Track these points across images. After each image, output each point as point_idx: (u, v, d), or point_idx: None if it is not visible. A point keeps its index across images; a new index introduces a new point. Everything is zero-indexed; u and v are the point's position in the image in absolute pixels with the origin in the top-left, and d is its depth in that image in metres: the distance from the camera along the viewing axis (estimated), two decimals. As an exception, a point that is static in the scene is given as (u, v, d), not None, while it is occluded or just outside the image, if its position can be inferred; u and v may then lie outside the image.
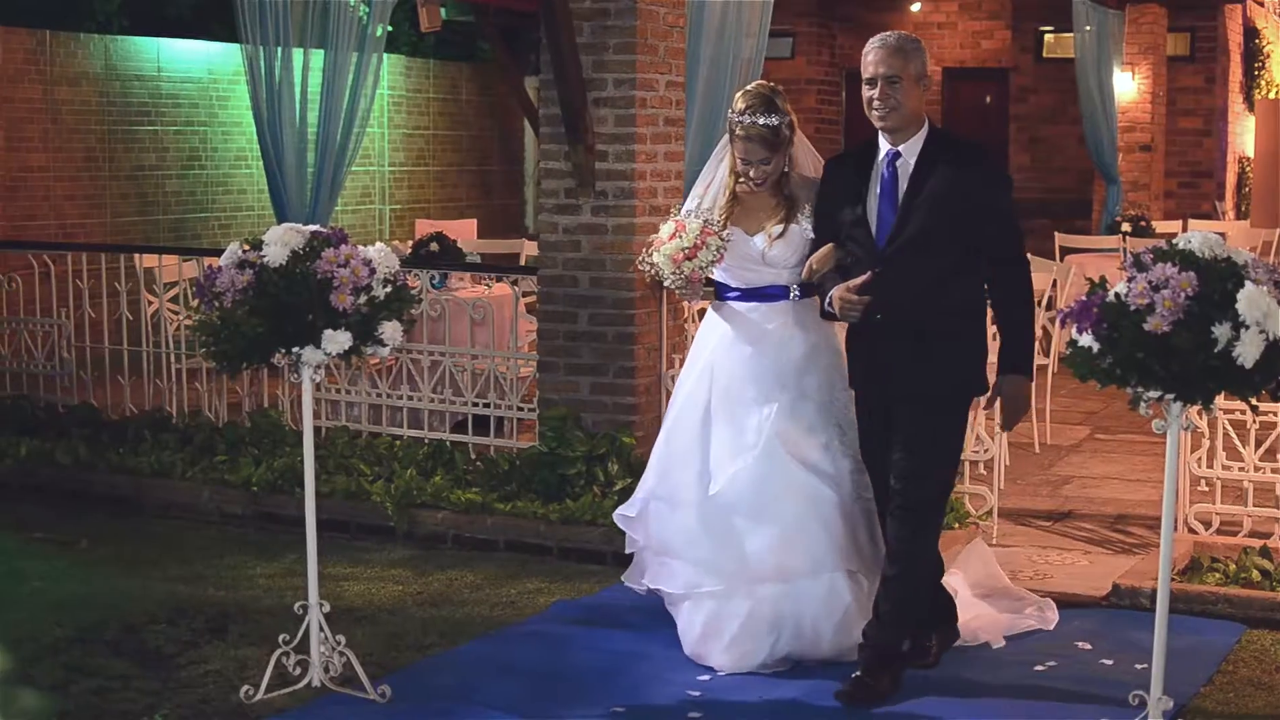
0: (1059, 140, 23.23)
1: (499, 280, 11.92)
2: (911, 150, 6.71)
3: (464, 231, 16.15)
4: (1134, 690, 6.06)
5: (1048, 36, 23.34)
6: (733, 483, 7.05)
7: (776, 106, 7.05)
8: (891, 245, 6.63)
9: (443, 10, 16.94)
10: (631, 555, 7.61)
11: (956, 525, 8.90)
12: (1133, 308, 5.52)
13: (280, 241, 6.36)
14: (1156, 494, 8.99)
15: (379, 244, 6.63)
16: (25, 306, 12.00)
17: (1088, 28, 19.85)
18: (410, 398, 10.43)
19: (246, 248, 6.42)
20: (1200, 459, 8.81)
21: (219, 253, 6.65)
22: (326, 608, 6.73)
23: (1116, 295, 5.61)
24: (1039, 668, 7.05)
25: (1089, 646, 7.34)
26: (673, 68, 9.56)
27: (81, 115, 16.62)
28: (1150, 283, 5.52)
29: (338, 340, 6.36)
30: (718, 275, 7.22)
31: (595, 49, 9.30)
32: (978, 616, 7.44)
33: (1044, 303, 11.92)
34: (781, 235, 7.10)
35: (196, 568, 8.64)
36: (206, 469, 10.01)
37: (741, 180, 7.17)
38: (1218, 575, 8.02)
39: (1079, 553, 8.83)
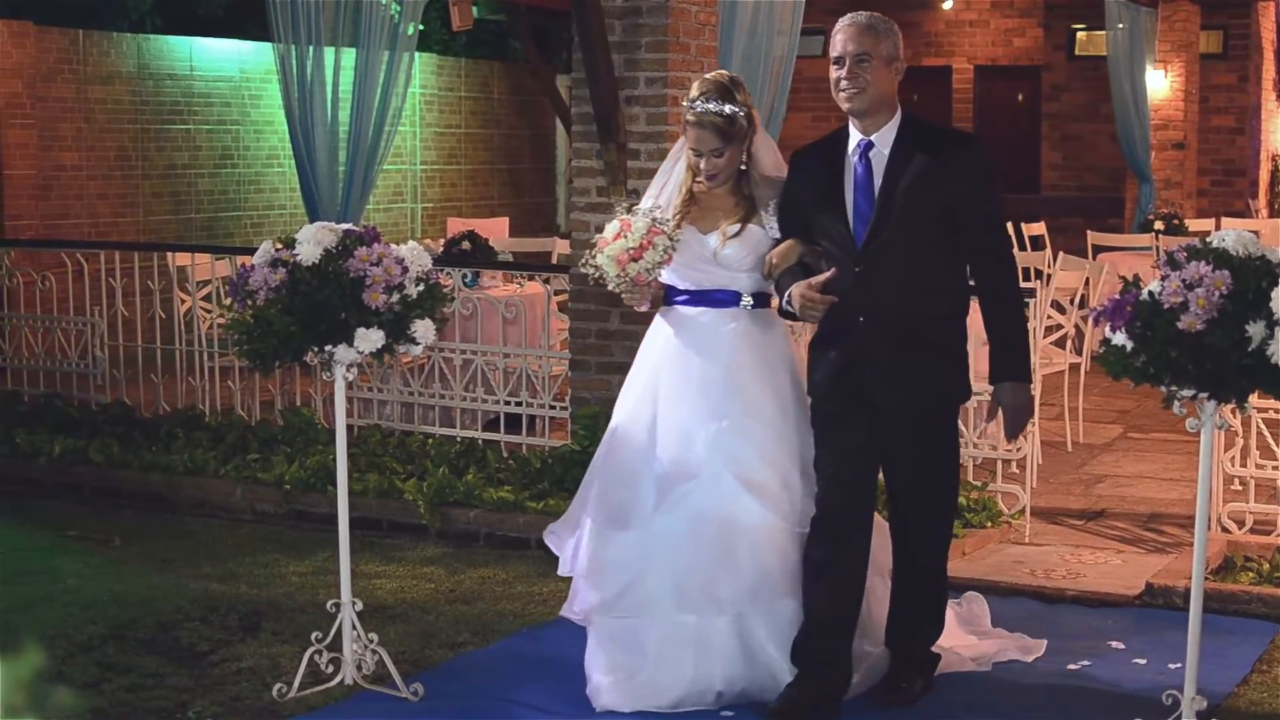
0: (1091, 138, 23.19)
1: (531, 279, 11.93)
2: (885, 139, 6.31)
3: (496, 230, 16.17)
4: (1167, 690, 6.04)
5: (1080, 34, 23.29)
6: (677, 508, 6.50)
7: (733, 96, 6.58)
8: (871, 242, 6.21)
9: (474, 9, 16.98)
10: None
11: (989, 524, 8.89)
12: (1166, 306, 5.50)
13: (313, 240, 6.37)
14: (1190, 493, 8.96)
15: (411, 242, 6.64)
16: (59, 305, 12.06)
17: (1120, 25, 19.82)
18: (442, 396, 10.45)
19: (279, 246, 6.43)
20: (1234, 458, 8.78)
21: (251, 251, 6.66)
22: (359, 606, 6.74)
23: (1150, 294, 5.59)
24: (1072, 667, 7.03)
25: (1122, 646, 7.32)
26: (704, 66, 9.56)
27: (114, 114, 16.67)
28: (1184, 281, 5.50)
29: (370, 338, 6.37)
30: (665, 275, 6.63)
31: (627, 47, 9.30)
32: (961, 645, 7.13)
33: (1077, 301, 11.90)
34: (737, 235, 6.58)
35: (229, 565, 8.66)
36: (239, 467, 10.03)
37: (697, 178, 6.69)
38: (1251, 574, 7.99)
39: (1112, 552, 8.81)
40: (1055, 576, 8.28)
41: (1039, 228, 18.11)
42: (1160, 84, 20.99)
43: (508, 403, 10.27)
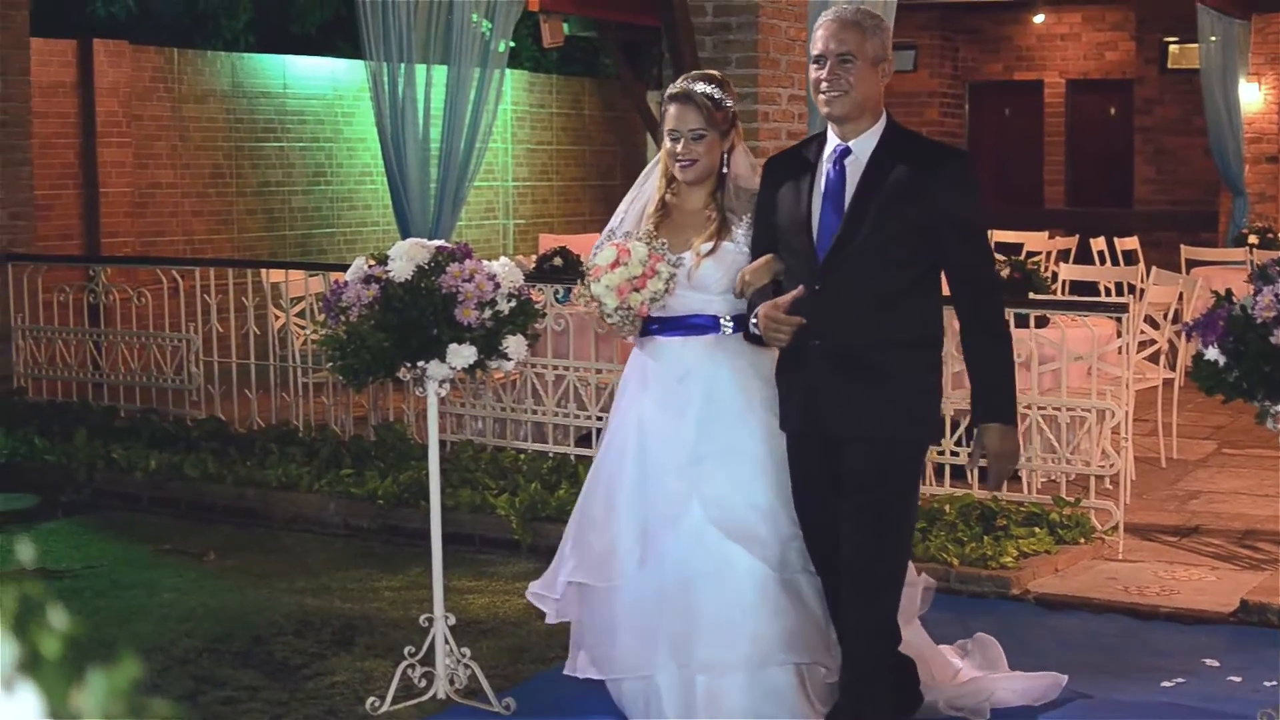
0: (1184, 152, 23.00)
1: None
2: (864, 146, 5.66)
3: (587, 246, 16.07)
4: (1263, 709, 6.00)
5: (1172, 47, 23.12)
6: (659, 562, 6.06)
7: (723, 88, 6.17)
8: (833, 257, 5.59)
9: (565, 26, 17.03)
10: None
11: (1082, 540, 8.84)
12: (1259, 320, 5.47)
13: (406, 256, 6.41)
14: (1285, 509, 8.89)
15: (503, 259, 6.66)
16: (154, 321, 12.19)
17: (1213, 38, 19.67)
18: (534, 411, 10.48)
19: (372, 263, 6.48)
20: (1330, 473, 8.72)
21: (344, 268, 6.70)
22: (452, 620, 6.77)
23: (1242, 308, 5.56)
24: (1166, 684, 6.99)
25: (1217, 663, 7.27)
26: (795, 81, 9.57)
27: (209, 132, 16.81)
28: (1276, 295, 5.47)
29: (462, 354, 6.39)
30: None
31: (717, 63, 9.31)
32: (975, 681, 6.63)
33: (1170, 316, 11.82)
34: (711, 253, 6.08)
35: (323, 580, 8.72)
36: (333, 482, 10.08)
37: (673, 167, 6.22)
38: (1348, 591, 7.93)
39: (1206, 568, 8.74)
40: (1149, 593, 8.23)
41: (1132, 242, 18.01)
42: (1253, 97, 20.82)
43: (599, 418, 10.29)
